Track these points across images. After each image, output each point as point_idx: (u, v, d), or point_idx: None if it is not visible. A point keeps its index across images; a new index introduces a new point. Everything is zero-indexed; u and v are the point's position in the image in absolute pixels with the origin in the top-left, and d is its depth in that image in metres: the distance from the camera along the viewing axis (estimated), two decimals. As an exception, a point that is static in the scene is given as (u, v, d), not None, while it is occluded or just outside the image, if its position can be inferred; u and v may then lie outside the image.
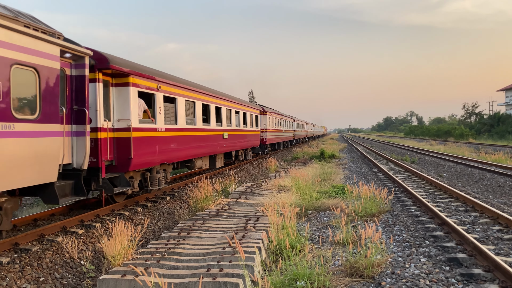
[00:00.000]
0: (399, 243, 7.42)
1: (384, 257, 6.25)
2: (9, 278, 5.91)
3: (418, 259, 6.48)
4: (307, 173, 15.97)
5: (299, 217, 9.85)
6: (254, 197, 11.97)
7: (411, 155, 31.74)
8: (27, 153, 6.56)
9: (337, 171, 19.71)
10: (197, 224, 8.49)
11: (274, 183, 14.07)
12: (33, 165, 6.71)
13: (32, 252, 6.84)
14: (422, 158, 28.54)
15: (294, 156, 31.56)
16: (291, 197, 10.88)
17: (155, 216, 10.50)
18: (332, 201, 11.07)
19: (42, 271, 6.39)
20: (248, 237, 7.17)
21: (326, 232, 8.37)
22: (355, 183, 14.52)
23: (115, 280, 5.42)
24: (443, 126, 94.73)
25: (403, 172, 19.28)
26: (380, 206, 10.10)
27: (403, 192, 13.01)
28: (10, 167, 6.22)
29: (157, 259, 6.18)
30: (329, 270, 5.83)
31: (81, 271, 6.82)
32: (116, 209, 10.27)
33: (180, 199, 12.55)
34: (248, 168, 22.39)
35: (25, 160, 6.51)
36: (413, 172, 18.33)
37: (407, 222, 8.96)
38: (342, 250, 6.87)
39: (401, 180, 15.94)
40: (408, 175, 17.99)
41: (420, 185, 14.85)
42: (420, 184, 15.10)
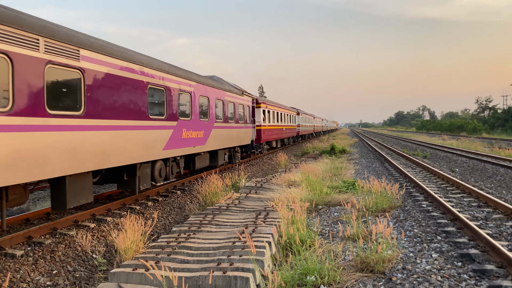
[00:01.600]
0: (410, 239, 7.37)
1: (395, 252, 6.21)
2: (23, 270, 6.00)
3: (429, 254, 6.42)
4: (318, 168, 15.91)
5: (309, 212, 9.84)
6: (264, 192, 11.97)
7: (423, 150, 31.44)
8: (247, 132, 20.38)
9: (347, 166, 19.61)
10: (207, 218, 8.52)
11: (284, 178, 14.05)
12: (249, 136, 20.94)
13: (45, 245, 6.93)
14: (434, 153, 28.24)
15: (304, 151, 31.48)
16: (301, 192, 10.86)
17: (166, 210, 10.57)
18: (343, 196, 11.02)
19: (55, 264, 6.48)
20: (258, 231, 7.17)
21: (337, 227, 8.34)
22: (366, 178, 14.43)
23: (126, 274, 5.47)
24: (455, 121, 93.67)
25: (414, 167, 19.12)
26: (391, 201, 10.03)
27: (415, 187, 12.90)
28: (241, 138, 19.16)
29: (167, 253, 6.22)
30: (339, 265, 5.81)
31: (93, 264, 6.90)
32: (127, 203, 10.36)
33: (190, 194, 12.61)
34: (258, 163, 22.40)
35: (245, 134, 19.88)
36: (425, 167, 18.16)
37: (419, 218, 8.88)
38: (352, 245, 6.84)
39: (412, 175, 15.81)
40: (420, 170, 17.83)
41: (432, 180, 14.71)
42: (432, 179, 14.96)
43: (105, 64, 8.41)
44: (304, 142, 46.97)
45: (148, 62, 10.36)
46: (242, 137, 19.50)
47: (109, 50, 8.61)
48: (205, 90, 14.41)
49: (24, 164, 6.13)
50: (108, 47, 8.62)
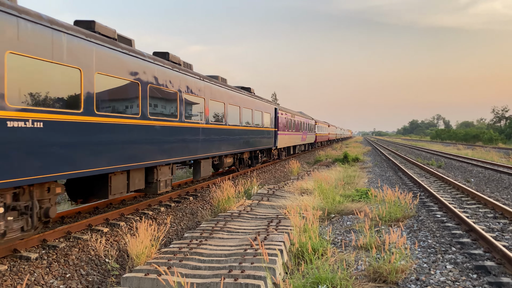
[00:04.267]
0: (424, 249, 7.27)
1: (409, 263, 6.13)
2: (37, 273, 6.08)
3: (444, 265, 6.32)
4: (330, 176, 15.83)
5: (321, 221, 9.78)
6: (276, 199, 11.94)
7: (438, 159, 31.06)
8: (290, 138, 29.62)
9: (361, 174, 19.47)
10: (219, 225, 8.53)
11: (296, 185, 14.00)
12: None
13: (59, 248, 7.01)
14: (449, 163, 27.88)
15: (317, 159, 31.35)
16: (314, 200, 10.81)
17: (178, 216, 10.61)
18: (356, 205, 10.94)
19: (68, 267, 6.55)
20: (270, 239, 7.15)
21: (349, 236, 8.27)
22: (380, 187, 14.30)
23: (139, 279, 5.50)
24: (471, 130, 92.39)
25: (429, 177, 18.89)
26: (405, 211, 9.92)
27: (429, 197, 12.73)
28: (290, 141, 29.62)
29: (179, 259, 6.24)
30: (351, 275, 5.75)
31: (106, 268, 6.95)
32: (140, 208, 10.43)
33: (203, 200, 12.64)
34: (270, 170, 22.37)
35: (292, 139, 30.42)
36: (439, 177, 17.93)
37: (433, 228, 8.76)
38: (365, 254, 6.77)
39: (426, 184, 15.61)
40: (434, 180, 17.60)
41: (446, 190, 14.51)
42: (446, 189, 14.75)
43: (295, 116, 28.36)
44: (317, 149, 46.90)
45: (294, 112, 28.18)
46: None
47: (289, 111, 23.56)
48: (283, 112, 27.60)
49: None
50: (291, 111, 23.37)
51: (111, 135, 8.04)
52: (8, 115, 5.62)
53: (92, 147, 7.45)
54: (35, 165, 6.08)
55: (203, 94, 12.96)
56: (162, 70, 10.25)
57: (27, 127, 5.92)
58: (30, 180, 6.00)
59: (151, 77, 9.66)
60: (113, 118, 8.13)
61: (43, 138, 6.23)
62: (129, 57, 8.75)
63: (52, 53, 6.49)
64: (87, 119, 7.29)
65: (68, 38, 6.84)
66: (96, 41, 7.58)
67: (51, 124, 6.40)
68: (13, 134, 5.69)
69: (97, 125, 7.59)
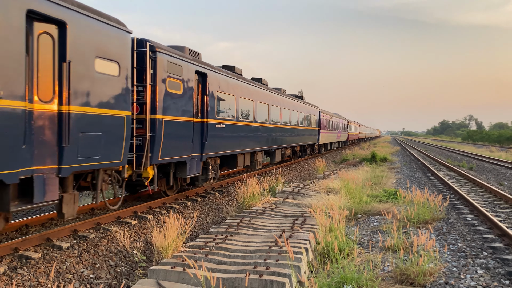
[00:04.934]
0: (454, 253, 7.09)
1: (437, 266, 6.00)
2: (69, 262, 6.27)
3: (474, 270, 6.15)
4: (357, 175, 15.63)
5: (348, 220, 9.68)
6: (301, 198, 11.90)
7: (469, 161, 30.20)
8: (328, 136, 34.24)
9: (389, 175, 19.14)
10: (244, 221, 8.57)
11: (322, 184, 13.90)
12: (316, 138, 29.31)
13: (89, 239, 7.21)
14: (481, 165, 27.06)
15: (344, 158, 31.02)
16: (340, 200, 10.70)
17: (204, 211, 10.72)
18: (383, 205, 10.77)
19: (98, 258, 6.73)
20: (295, 237, 7.14)
21: (376, 237, 8.16)
22: (408, 188, 14.03)
23: (165, 271, 5.59)
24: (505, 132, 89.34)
25: (459, 179, 18.39)
26: (434, 213, 9.70)
27: (459, 200, 12.40)
28: (328, 139, 34.69)
29: (205, 253, 6.31)
30: (378, 276, 5.68)
31: (133, 260, 7.10)
32: (168, 202, 10.60)
33: (228, 196, 12.73)
34: (295, 168, 22.29)
35: (329, 137, 35.15)
36: (470, 179, 17.43)
37: (463, 231, 8.53)
38: (392, 256, 6.67)
39: (457, 187, 15.21)
40: (465, 182, 17.13)
41: (478, 193, 14.09)
42: (478, 192, 14.33)
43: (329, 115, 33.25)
44: (345, 148, 46.47)
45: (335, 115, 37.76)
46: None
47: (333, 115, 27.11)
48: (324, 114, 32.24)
49: None
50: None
51: (239, 132, 13.95)
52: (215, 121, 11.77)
53: (234, 138, 13.46)
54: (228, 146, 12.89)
55: (268, 101, 17.43)
56: (246, 86, 14.65)
57: (221, 127, 12.22)
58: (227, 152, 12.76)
59: (241, 92, 14.15)
60: (241, 122, 14.12)
61: (225, 132, 12.51)
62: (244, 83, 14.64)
63: (228, 89, 12.80)
64: (235, 123, 13.56)
65: (231, 78, 13.08)
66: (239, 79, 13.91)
67: (227, 125, 12.73)
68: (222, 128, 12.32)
69: (238, 126, 13.75)
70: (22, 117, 5.34)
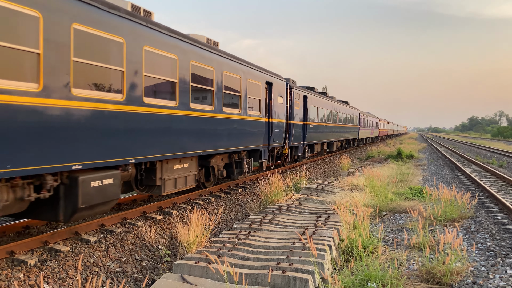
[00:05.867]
0: (482, 252, 6.91)
1: (465, 265, 5.86)
2: (96, 256, 6.44)
3: (504, 270, 5.98)
4: (382, 173, 15.41)
5: (372, 218, 9.57)
6: (325, 195, 11.82)
7: (499, 158, 29.31)
8: (364, 132, 41.65)
9: (415, 172, 18.79)
10: (267, 217, 8.58)
11: (346, 181, 13.78)
12: (356, 133, 36.69)
13: (116, 233, 7.37)
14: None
15: (369, 155, 30.62)
16: (365, 197, 10.58)
17: (228, 207, 10.79)
18: (409, 203, 10.59)
19: (124, 252, 6.87)
20: (319, 234, 7.11)
21: (401, 235, 8.03)
22: (435, 186, 13.74)
23: (189, 266, 5.67)
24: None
25: (489, 176, 17.88)
26: (462, 211, 9.47)
27: (488, 198, 12.07)
28: (364, 134, 41.75)
29: (228, 249, 6.36)
30: (403, 274, 5.60)
31: (158, 255, 7.22)
32: (192, 198, 10.72)
33: (251, 192, 12.77)
34: (319, 165, 22.16)
35: (366, 133, 42.45)
36: (500, 177, 16.92)
37: (492, 230, 8.30)
38: (417, 254, 6.56)
39: (486, 184, 14.79)
40: (495, 180, 16.64)
41: (508, 191, 13.67)
42: (508, 190, 13.90)
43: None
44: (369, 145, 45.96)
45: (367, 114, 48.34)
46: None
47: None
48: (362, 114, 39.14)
49: None
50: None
51: (320, 129, 22.49)
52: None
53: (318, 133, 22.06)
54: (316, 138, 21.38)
55: (330, 107, 25.33)
56: (319, 99, 22.60)
57: (312, 126, 20.44)
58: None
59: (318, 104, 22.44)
60: (321, 123, 22.63)
61: (314, 129, 20.64)
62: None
63: (313, 102, 20.91)
64: (318, 124, 22.00)
65: (314, 96, 21.34)
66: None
67: (315, 125, 20.88)
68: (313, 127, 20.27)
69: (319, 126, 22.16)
70: (266, 124, 13.79)
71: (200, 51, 9.47)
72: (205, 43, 9.82)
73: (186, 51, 8.82)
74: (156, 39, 7.83)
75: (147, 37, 7.54)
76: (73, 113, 5.87)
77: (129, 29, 7.04)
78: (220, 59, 10.40)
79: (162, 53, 7.98)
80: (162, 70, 8.02)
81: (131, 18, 7.12)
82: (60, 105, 5.66)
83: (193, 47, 9.20)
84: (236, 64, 11.27)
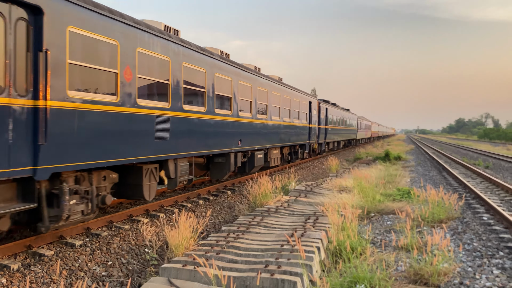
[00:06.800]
0: (469, 252, 6.96)
1: (452, 265, 5.89)
2: (81, 260, 6.32)
3: (490, 270, 6.02)
4: (371, 174, 15.48)
5: (360, 219, 9.58)
6: (314, 196, 11.82)
7: (485, 159, 29.70)
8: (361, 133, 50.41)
9: (403, 173, 18.92)
10: (256, 219, 8.54)
11: (335, 183, 13.80)
12: (355, 134, 44.63)
13: (102, 237, 7.26)
14: (498, 164, 26.58)
15: (357, 156, 30.78)
16: (353, 198, 10.60)
17: (216, 209, 10.72)
18: (397, 204, 10.64)
19: (110, 255, 6.77)
20: (307, 236, 7.08)
21: (389, 236, 8.05)
22: (422, 187, 13.84)
23: (177, 269, 5.60)
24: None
25: (475, 178, 18.09)
26: (449, 212, 9.54)
27: (475, 199, 12.19)
28: (361, 135, 51.51)
29: (216, 252, 6.30)
30: (391, 275, 5.60)
31: (145, 258, 7.13)
32: (179, 200, 10.63)
33: (240, 194, 12.72)
34: (308, 167, 22.19)
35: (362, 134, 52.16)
36: (486, 178, 17.12)
37: (479, 231, 8.37)
38: (405, 255, 6.57)
39: (473, 185, 14.95)
40: (481, 181, 16.83)
41: (494, 192, 13.84)
42: (494, 191, 14.07)
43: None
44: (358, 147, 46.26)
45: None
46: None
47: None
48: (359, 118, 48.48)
49: None
50: None
51: (335, 132, 31.41)
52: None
53: (335, 134, 31.31)
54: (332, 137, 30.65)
55: (338, 114, 32.17)
56: (334, 109, 30.20)
57: (329, 129, 28.94)
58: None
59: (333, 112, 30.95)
60: (334, 126, 30.93)
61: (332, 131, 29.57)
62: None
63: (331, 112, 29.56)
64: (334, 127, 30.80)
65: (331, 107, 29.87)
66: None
67: (332, 129, 29.55)
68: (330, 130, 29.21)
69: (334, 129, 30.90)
70: (308, 128, 22.08)
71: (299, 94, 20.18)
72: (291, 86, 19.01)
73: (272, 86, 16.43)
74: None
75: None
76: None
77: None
78: (299, 94, 20.30)
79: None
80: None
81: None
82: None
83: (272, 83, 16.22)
84: (302, 94, 20.93)
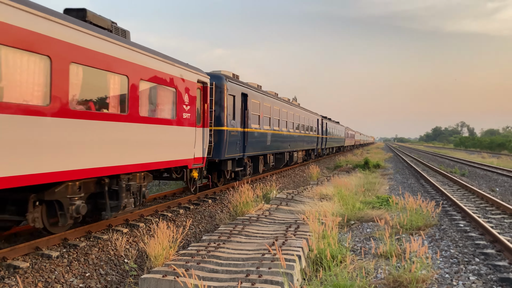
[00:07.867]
0: (446, 259, 7.09)
1: (430, 272, 5.99)
2: (58, 271, 6.18)
3: (466, 277, 6.15)
4: (350, 182, 15.65)
5: (341, 227, 9.66)
6: (295, 204, 11.87)
7: (461, 167, 30.39)
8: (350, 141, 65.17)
9: (382, 181, 19.19)
10: (237, 228, 8.52)
11: (316, 191, 13.89)
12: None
13: (80, 247, 7.12)
14: (473, 171, 27.23)
15: (337, 164, 31.07)
16: (333, 206, 10.69)
17: (197, 219, 10.65)
18: (376, 212, 10.77)
19: (88, 266, 6.64)
20: (288, 244, 7.10)
21: (369, 244, 8.14)
22: (401, 195, 14.06)
23: (156, 280, 5.53)
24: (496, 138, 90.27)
25: (452, 185, 18.48)
26: (427, 219, 9.71)
27: (452, 206, 12.45)
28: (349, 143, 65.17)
29: (197, 262, 6.25)
30: (371, 283, 5.65)
31: (124, 269, 7.01)
32: (160, 210, 10.52)
33: (221, 203, 12.67)
34: (289, 175, 22.28)
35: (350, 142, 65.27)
36: (462, 185, 17.52)
37: (455, 238, 8.54)
38: (385, 263, 6.65)
39: (449, 193, 15.27)
40: (458, 188, 17.21)
41: (470, 199, 14.16)
42: (470, 198, 14.40)
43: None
44: (338, 155, 46.79)
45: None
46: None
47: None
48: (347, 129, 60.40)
49: None
50: None
51: (333, 139, 44.36)
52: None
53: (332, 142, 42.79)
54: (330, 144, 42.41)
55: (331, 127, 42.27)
56: (329, 123, 40.53)
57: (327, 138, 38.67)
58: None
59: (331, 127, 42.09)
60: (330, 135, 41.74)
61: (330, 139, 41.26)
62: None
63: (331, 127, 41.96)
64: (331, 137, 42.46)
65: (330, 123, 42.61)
66: None
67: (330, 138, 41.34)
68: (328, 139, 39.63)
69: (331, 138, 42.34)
70: (316, 138, 32.40)
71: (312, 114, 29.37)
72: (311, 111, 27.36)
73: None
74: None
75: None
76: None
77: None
78: (312, 114, 29.41)
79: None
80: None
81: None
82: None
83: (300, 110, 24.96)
84: (313, 114, 28.98)
